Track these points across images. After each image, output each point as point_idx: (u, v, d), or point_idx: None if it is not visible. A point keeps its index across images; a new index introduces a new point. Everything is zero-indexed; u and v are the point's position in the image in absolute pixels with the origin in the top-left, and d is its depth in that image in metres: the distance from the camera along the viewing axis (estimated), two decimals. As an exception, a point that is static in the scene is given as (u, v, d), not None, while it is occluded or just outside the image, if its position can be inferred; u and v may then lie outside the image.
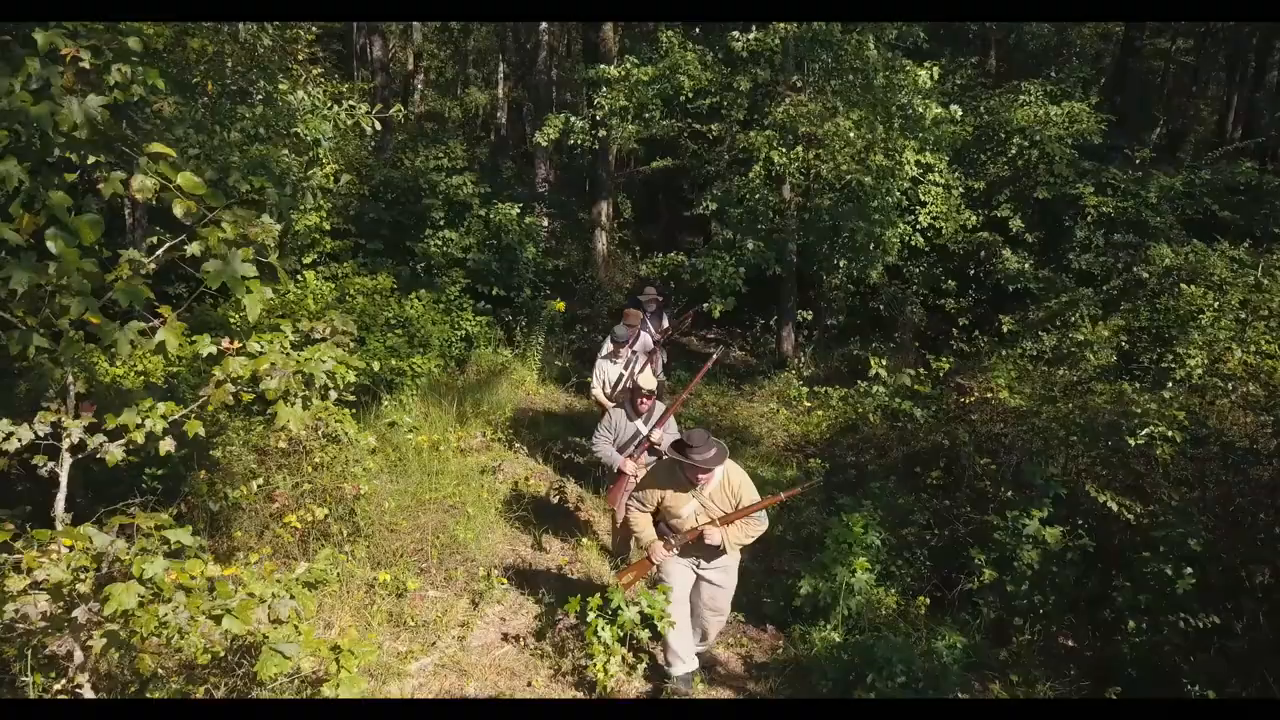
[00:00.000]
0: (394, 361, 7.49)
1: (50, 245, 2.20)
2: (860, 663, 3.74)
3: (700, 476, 3.79)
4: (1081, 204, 9.87)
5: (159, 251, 2.54)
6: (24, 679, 2.64)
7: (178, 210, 2.33)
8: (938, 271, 10.78)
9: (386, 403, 7.33)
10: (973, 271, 10.83)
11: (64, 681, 2.60)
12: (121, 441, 2.58)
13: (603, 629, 3.78)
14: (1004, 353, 7.09)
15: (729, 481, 3.90)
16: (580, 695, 3.97)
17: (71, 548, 2.40)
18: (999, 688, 4.02)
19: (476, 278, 10.39)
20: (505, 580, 4.88)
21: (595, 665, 3.70)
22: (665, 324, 8.43)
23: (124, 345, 2.32)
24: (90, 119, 2.21)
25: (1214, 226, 9.61)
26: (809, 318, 11.02)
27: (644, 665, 4.20)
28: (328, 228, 8.81)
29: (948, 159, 10.64)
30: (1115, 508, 4.35)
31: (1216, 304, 6.77)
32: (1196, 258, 8.36)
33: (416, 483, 6.13)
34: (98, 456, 2.59)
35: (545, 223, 13.49)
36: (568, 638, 4.31)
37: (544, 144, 10.91)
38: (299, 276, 7.41)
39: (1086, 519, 4.61)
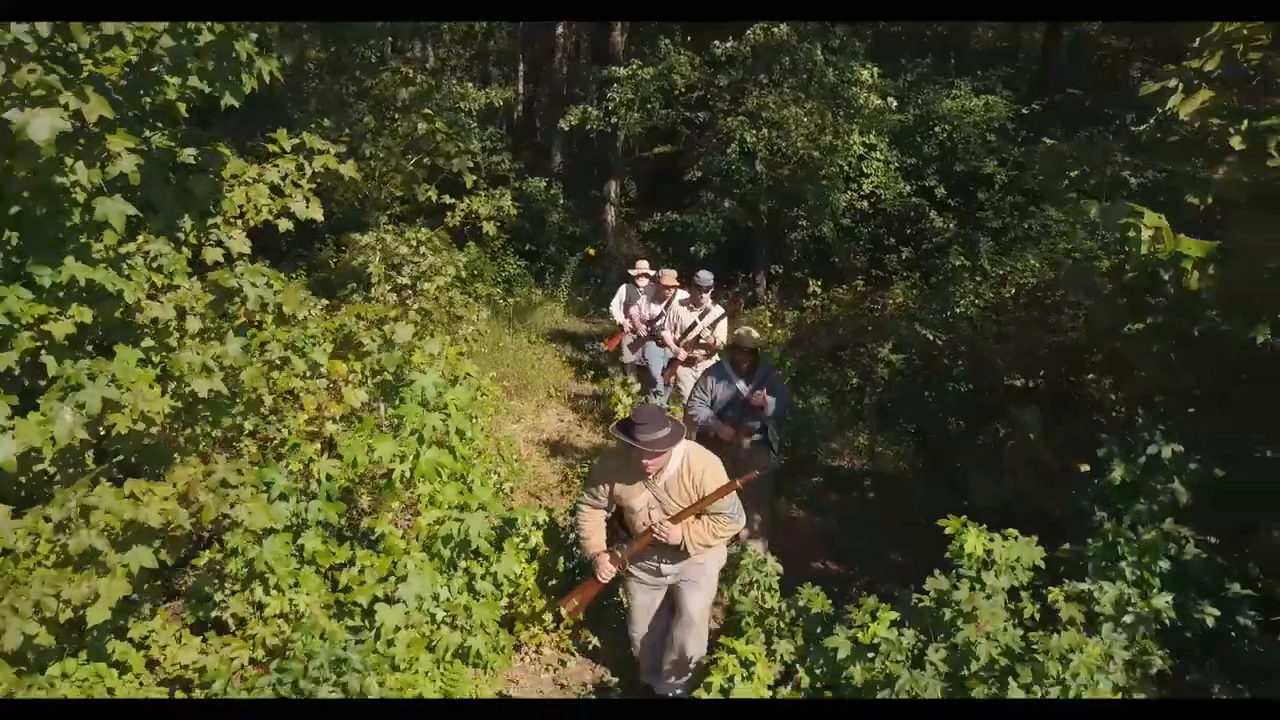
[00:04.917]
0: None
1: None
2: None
3: (648, 463, 3.17)
4: (986, 174, 12.69)
5: (409, 166, 5.38)
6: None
7: (448, 148, 5.22)
8: (881, 231, 13.57)
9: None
10: (908, 230, 13.63)
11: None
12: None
13: (624, 396, 6.59)
14: (904, 274, 9.88)
15: (689, 469, 3.27)
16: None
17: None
18: (852, 432, 6.84)
19: (513, 236, 13.26)
20: (558, 395, 7.73)
21: (617, 407, 6.54)
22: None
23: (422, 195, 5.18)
24: (426, 124, 5.11)
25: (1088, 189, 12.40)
26: (780, 271, 13.84)
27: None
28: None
29: (888, 141, 13.43)
30: (930, 336, 7.14)
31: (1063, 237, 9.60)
32: (1069, 214, 11.17)
33: (484, 363, 8.99)
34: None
35: (561, 200, 16.30)
36: (600, 418, 7.13)
37: (566, 130, 13.72)
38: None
39: (922, 352, 7.41)
